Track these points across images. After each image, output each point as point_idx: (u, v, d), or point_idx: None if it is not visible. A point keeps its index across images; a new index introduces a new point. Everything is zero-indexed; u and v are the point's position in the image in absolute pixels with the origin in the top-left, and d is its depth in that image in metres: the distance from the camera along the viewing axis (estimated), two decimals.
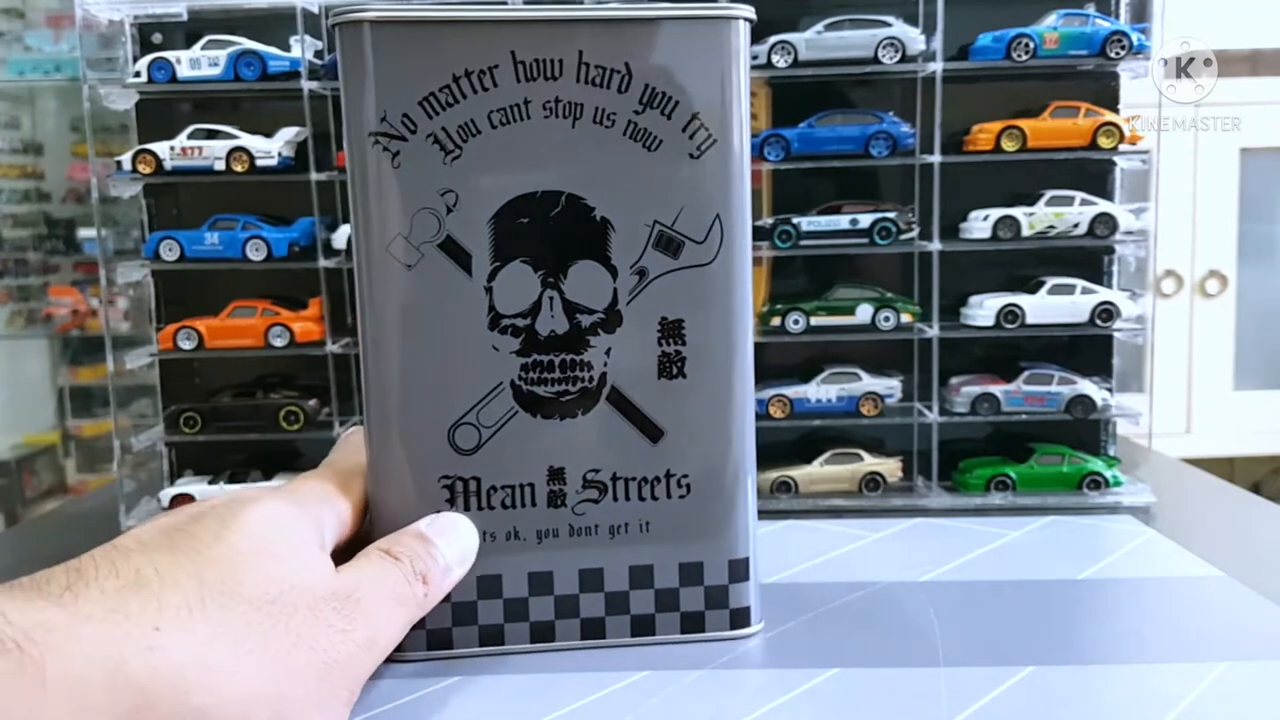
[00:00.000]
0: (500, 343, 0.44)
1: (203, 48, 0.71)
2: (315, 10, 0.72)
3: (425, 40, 0.42)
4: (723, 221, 0.44)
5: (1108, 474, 0.70)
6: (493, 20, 0.43)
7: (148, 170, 0.71)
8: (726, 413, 0.46)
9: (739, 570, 0.46)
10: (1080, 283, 0.72)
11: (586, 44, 0.43)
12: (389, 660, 0.44)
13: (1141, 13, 0.72)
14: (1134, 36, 0.69)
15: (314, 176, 0.72)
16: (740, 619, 0.47)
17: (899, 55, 0.70)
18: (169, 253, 0.72)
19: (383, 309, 0.44)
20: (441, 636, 0.45)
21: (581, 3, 0.57)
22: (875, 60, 0.70)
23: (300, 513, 0.41)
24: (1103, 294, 0.72)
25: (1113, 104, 0.73)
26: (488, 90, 0.43)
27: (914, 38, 0.70)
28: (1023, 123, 0.70)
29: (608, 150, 0.43)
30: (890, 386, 0.73)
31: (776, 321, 0.72)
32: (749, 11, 0.44)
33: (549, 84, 0.43)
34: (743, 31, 0.44)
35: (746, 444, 0.46)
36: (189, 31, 0.74)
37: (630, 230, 0.44)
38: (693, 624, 0.46)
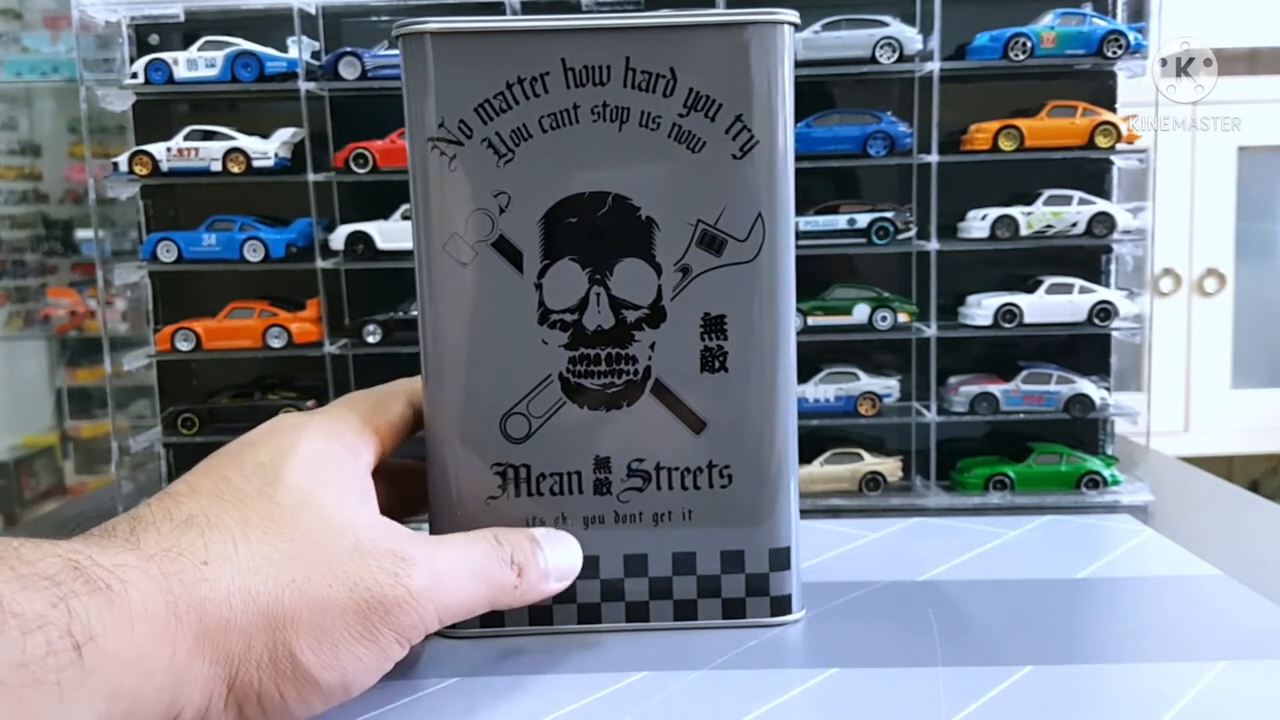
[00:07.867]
0: (549, 337, 0.46)
1: (199, 49, 0.71)
2: (312, 11, 0.72)
3: (481, 50, 0.44)
4: (765, 220, 0.45)
5: (1106, 473, 0.70)
6: (544, 29, 0.44)
7: (144, 171, 0.71)
8: (768, 405, 0.47)
9: (780, 559, 0.48)
10: (1078, 282, 0.72)
11: (633, 50, 0.44)
12: (441, 635, 0.47)
13: (1138, 12, 0.72)
14: (1131, 36, 0.69)
15: (311, 177, 0.72)
16: (781, 606, 0.48)
17: (896, 55, 0.70)
18: (166, 254, 0.72)
19: (441, 305, 0.46)
20: (494, 615, 0.46)
21: (629, 10, 0.58)
22: (873, 60, 0.70)
23: (343, 455, 0.43)
24: (1101, 293, 0.72)
25: (1110, 103, 0.73)
26: (539, 96, 0.44)
27: (911, 37, 0.70)
28: (1020, 122, 0.70)
29: (653, 152, 0.45)
30: (888, 386, 0.73)
31: None
32: (793, 16, 0.45)
33: (597, 89, 0.44)
34: (787, 35, 0.45)
35: (788, 436, 0.47)
36: (186, 32, 0.74)
37: (674, 229, 0.45)
38: (734, 610, 0.47)
